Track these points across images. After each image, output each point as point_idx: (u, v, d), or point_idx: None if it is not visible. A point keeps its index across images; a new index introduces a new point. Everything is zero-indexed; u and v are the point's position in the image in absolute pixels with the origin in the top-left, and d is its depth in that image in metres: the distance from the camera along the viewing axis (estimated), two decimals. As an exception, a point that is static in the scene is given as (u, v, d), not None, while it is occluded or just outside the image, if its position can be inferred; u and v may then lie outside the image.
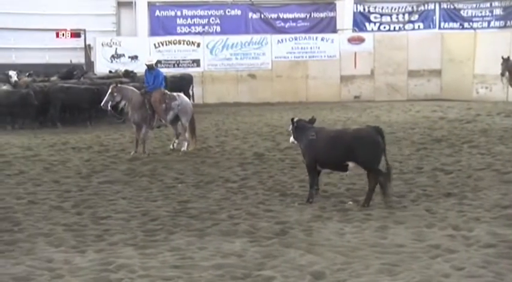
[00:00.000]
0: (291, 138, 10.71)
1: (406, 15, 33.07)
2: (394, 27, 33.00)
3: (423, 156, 14.38)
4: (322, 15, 33.48)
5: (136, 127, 16.08)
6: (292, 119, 10.78)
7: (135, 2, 32.06)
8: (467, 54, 29.32)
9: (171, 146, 16.10)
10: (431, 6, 32.91)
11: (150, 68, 16.37)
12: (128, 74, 26.39)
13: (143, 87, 16.94)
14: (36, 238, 8.54)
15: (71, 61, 31.46)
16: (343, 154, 9.95)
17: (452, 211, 9.58)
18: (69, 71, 26.04)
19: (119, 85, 16.63)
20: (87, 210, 10.11)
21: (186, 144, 15.93)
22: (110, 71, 26.91)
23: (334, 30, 32.91)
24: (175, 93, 16.53)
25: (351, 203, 10.25)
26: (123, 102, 16.07)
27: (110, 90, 16.03)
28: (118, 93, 15.95)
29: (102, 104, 16.17)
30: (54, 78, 25.02)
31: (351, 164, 9.99)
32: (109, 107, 16.18)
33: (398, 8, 33.01)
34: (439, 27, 32.77)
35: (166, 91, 16.39)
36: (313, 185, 10.36)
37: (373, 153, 9.88)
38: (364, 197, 10.11)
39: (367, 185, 11.43)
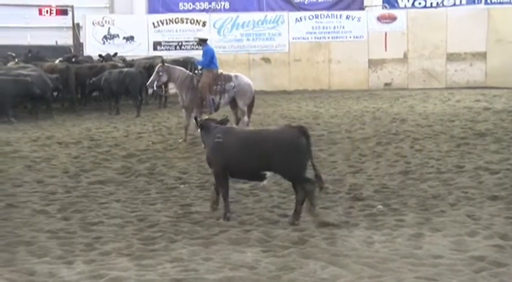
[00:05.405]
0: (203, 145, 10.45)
1: (445, -11, 32.95)
2: (431, 3, 32.85)
3: (464, 153, 14.33)
4: (347, -11, 33.47)
5: (185, 112, 16.89)
6: (196, 118, 10.60)
7: (131, -26, 32.24)
8: (518, 34, 29.22)
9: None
10: (475, -23, 32.79)
11: (199, 43, 17.73)
12: (109, 58, 26.48)
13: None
14: (16, 247, 8.56)
15: (56, 42, 31.58)
16: (258, 161, 9.47)
17: (499, 217, 9.54)
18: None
19: (166, 64, 17.39)
20: (76, 215, 10.13)
21: None
22: (100, 55, 26.99)
23: (362, 7, 32.86)
24: (232, 74, 17.41)
25: (380, 207, 10.24)
26: (169, 83, 17.65)
27: (156, 70, 17.12)
28: (164, 73, 16.98)
29: (147, 83, 17.66)
30: None
31: (268, 174, 9.53)
32: (155, 87, 17.69)
33: (436, -20, 32.92)
34: (485, 2, 32.52)
35: (221, 71, 17.18)
36: (227, 197, 9.93)
37: (296, 160, 9.37)
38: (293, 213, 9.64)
39: (398, 187, 11.48)
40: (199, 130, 10.35)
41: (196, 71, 17.11)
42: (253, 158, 9.43)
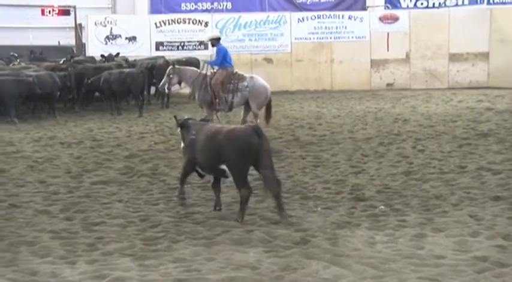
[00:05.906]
0: (182, 144, 10.68)
1: (448, -11, 32.93)
2: (434, 3, 32.84)
3: (466, 154, 14.32)
4: (349, -11, 33.47)
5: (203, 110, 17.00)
6: (176, 117, 10.92)
7: (133, -26, 32.25)
8: (521, 34, 29.18)
9: None
10: (477, -23, 32.75)
11: (212, 43, 17.54)
12: (111, 58, 26.48)
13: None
14: (19, 247, 8.57)
15: (59, 43, 31.61)
16: (214, 155, 9.77)
17: (501, 217, 9.53)
18: None
19: (176, 66, 17.51)
20: (78, 215, 10.13)
21: None
22: (102, 55, 26.98)
23: (364, 7, 32.85)
24: (248, 74, 17.39)
25: (382, 207, 10.24)
26: (182, 84, 17.47)
27: (166, 72, 17.24)
28: (175, 76, 17.09)
29: (159, 86, 17.95)
30: None
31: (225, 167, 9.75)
32: (166, 90, 18.04)
33: (439, -20, 32.90)
34: (488, 2, 32.48)
35: (236, 70, 17.12)
36: (183, 184, 10.60)
37: (241, 158, 9.49)
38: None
39: (400, 187, 11.48)
40: (179, 129, 10.61)
41: (211, 71, 17.09)
42: (211, 151, 9.78)
